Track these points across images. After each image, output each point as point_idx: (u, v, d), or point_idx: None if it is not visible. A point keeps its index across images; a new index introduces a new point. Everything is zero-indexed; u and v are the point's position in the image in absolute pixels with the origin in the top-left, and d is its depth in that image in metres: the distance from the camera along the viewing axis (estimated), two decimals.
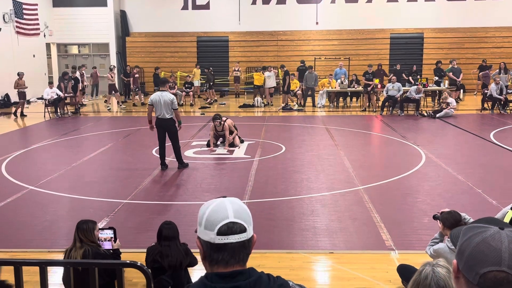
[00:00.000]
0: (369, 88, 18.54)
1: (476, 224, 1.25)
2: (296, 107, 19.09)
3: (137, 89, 21.11)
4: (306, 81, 19.35)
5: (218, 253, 1.52)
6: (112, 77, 20.33)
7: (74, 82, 18.99)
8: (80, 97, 20.49)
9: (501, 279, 1.16)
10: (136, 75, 21.26)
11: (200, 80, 22.33)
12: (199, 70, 22.44)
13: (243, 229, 1.52)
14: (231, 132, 11.75)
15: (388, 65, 23.50)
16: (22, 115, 17.90)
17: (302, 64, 21.14)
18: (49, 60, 25.23)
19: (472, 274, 1.19)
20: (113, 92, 20.25)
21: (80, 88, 20.15)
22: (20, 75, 18.35)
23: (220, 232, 1.51)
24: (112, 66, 21.57)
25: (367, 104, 18.82)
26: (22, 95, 17.99)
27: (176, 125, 9.52)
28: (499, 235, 1.19)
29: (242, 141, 12.14)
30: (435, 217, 4.71)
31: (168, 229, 4.59)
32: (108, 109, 19.64)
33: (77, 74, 20.08)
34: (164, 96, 9.25)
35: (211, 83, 21.71)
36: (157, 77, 19.64)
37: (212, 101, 21.42)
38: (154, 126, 9.55)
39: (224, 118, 11.66)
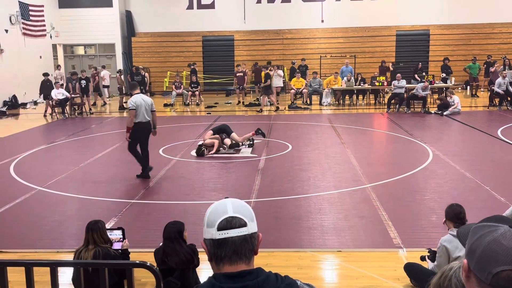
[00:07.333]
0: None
1: (485, 223, 1.25)
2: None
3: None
4: (310, 85, 19.44)
5: (220, 249, 1.53)
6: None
7: (86, 83, 19.04)
8: (104, 97, 20.85)
9: None
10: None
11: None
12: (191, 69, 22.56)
13: (243, 224, 1.54)
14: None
15: (394, 63, 23.41)
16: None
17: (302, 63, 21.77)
18: (55, 61, 25.33)
19: (484, 273, 1.18)
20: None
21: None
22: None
23: (220, 227, 1.53)
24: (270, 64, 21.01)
25: (373, 101, 18.73)
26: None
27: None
28: (510, 233, 1.18)
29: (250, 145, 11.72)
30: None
31: (170, 229, 4.57)
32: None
33: (103, 73, 20.71)
34: (144, 98, 8.88)
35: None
36: (194, 73, 20.55)
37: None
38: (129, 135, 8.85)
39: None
